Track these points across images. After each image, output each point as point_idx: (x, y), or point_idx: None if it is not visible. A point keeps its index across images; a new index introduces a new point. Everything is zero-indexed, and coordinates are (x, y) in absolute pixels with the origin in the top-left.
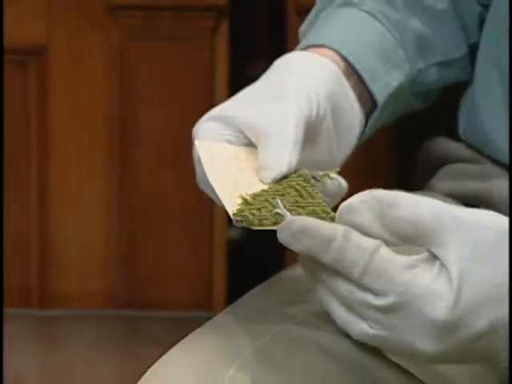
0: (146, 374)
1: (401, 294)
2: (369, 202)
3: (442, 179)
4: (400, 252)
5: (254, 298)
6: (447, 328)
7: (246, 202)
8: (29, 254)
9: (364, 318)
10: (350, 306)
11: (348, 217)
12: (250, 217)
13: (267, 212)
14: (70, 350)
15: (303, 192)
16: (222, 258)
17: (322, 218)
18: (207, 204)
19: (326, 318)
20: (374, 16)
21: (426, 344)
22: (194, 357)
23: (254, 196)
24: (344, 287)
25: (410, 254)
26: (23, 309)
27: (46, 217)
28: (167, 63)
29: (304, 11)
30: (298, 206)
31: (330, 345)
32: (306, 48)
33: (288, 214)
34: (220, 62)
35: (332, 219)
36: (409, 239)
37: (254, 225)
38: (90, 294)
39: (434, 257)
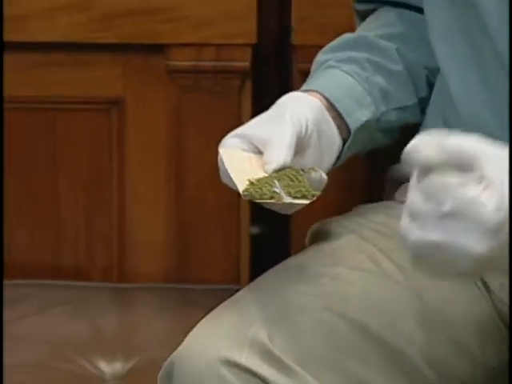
0: (192, 331)
1: (456, 203)
2: (429, 141)
3: (403, 193)
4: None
5: (268, 277)
6: (495, 228)
7: (251, 183)
8: (111, 244)
9: (425, 227)
10: (417, 216)
11: (415, 155)
12: (254, 193)
13: (267, 190)
14: (139, 312)
15: (294, 178)
16: (246, 248)
17: (305, 195)
18: (236, 212)
19: (323, 292)
20: (349, 74)
21: (476, 244)
22: (225, 319)
23: (258, 180)
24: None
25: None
26: (106, 283)
27: (123, 220)
28: (208, 112)
29: (306, 74)
30: (289, 187)
31: (329, 307)
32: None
33: (282, 190)
34: (245, 111)
35: (313, 196)
36: (461, 165)
37: (256, 198)
38: (154, 272)
39: (481, 177)
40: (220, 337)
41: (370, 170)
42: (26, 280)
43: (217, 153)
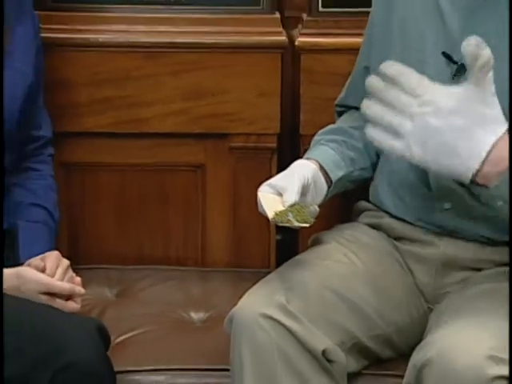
0: (243, 297)
1: (431, 93)
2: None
3: (363, 218)
4: None
5: (285, 266)
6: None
7: (276, 213)
8: (197, 245)
9: (406, 118)
10: (399, 109)
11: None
12: (277, 219)
13: (284, 218)
14: (213, 285)
15: (300, 210)
16: (273, 247)
17: (307, 221)
18: (267, 227)
19: (317, 275)
20: (332, 149)
21: (435, 119)
22: (261, 290)
23: (280, 211)
24: (401, 96)
25: None
26: (195, 267)
27: (204, 232)
28: (252, 172)
29: (306, 150)
30: (297, 216)
31: (321, 284)
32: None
33: (293, 218)
34: (272, 171)
35: (311, 222)
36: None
37: (278, 223)
38: (221, 261)
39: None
40: (258, 300)
41: (343, 204)
42: (149, 265)
43: (256, 195)
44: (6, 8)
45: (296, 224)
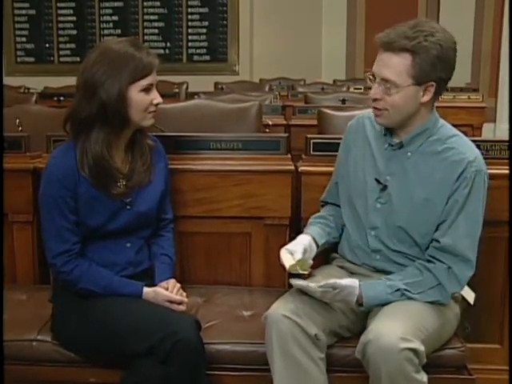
0: (272, 305)
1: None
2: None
3: (335, 262)
4: None
5: (294, 289)
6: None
7: (290, 266)
8: (246, 274)
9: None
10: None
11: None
12: (291, 270)
13: (294, 269)
14: (255, 296)
15: (303, 264)
16: (287, 278)
17: (306, 270)
18: (284, 270)
19: (312, 292)
20: (318, 227)
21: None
22: (282, 301)
23: (292, 264)
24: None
25: None
26: (244, 287)
27: (250, 270)
28: (276, 239)
29: (305, 225)
30: (301, 267)
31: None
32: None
33: (300, 270)
34: (287, 240)
35: (309, 270)
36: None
37: (291, 271)
38: (261, 284)
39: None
40: (280, 307)
41: (324, 256)
42: (221, 286)
43: (279, 251)
44: (153, 156)
45: (301, 272)
